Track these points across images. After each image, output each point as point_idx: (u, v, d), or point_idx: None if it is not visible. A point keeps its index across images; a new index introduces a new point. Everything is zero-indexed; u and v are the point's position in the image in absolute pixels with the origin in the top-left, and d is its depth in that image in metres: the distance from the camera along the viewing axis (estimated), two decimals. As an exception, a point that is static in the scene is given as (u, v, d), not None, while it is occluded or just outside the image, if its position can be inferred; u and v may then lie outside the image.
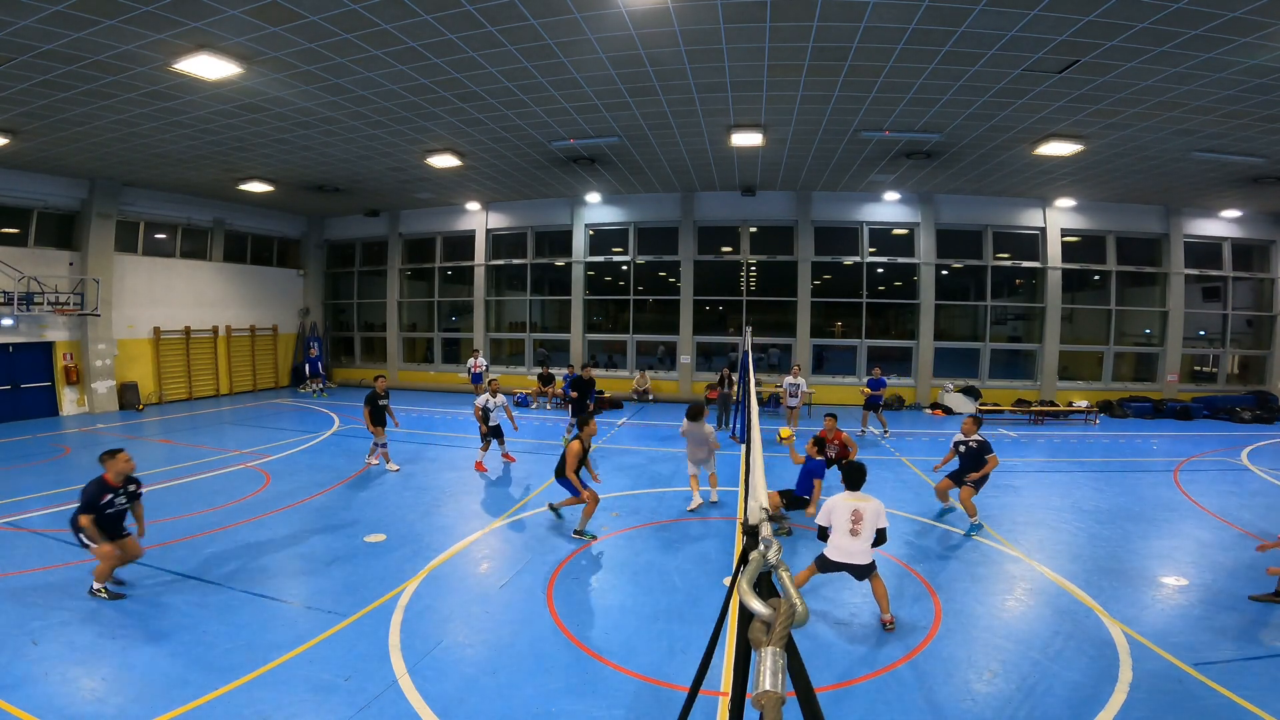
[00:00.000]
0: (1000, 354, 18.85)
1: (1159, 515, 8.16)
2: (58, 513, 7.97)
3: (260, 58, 8.47)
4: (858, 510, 5.30)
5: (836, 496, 5.46)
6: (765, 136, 12.27)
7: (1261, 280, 18.27)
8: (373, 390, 10.31)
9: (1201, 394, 17.66)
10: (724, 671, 4.48)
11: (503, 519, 8.01)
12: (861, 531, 5.26)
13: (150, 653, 4.71)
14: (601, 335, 20.70)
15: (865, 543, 5.26)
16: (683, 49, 8.32)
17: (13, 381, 14.72)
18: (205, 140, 12.27)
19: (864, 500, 5.36)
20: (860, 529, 5.26)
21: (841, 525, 5.29)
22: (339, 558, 6.63)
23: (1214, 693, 4.29)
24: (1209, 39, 7.46)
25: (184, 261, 18.45)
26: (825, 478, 7.65)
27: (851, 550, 5.25)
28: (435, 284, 21.66)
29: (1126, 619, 5.35)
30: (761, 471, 2.47)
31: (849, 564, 5.29)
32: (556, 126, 11.75)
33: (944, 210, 17.79)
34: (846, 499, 5.40)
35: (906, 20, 7.40)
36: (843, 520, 5.29)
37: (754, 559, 1.30)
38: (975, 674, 4.56)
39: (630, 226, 19.29)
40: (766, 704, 0.88)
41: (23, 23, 7.31)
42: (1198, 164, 12.98)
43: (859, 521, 5.27)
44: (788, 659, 0.98)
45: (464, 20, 7.51)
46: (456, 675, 4.49)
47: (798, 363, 16.89)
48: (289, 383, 21.59)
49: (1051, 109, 10.14)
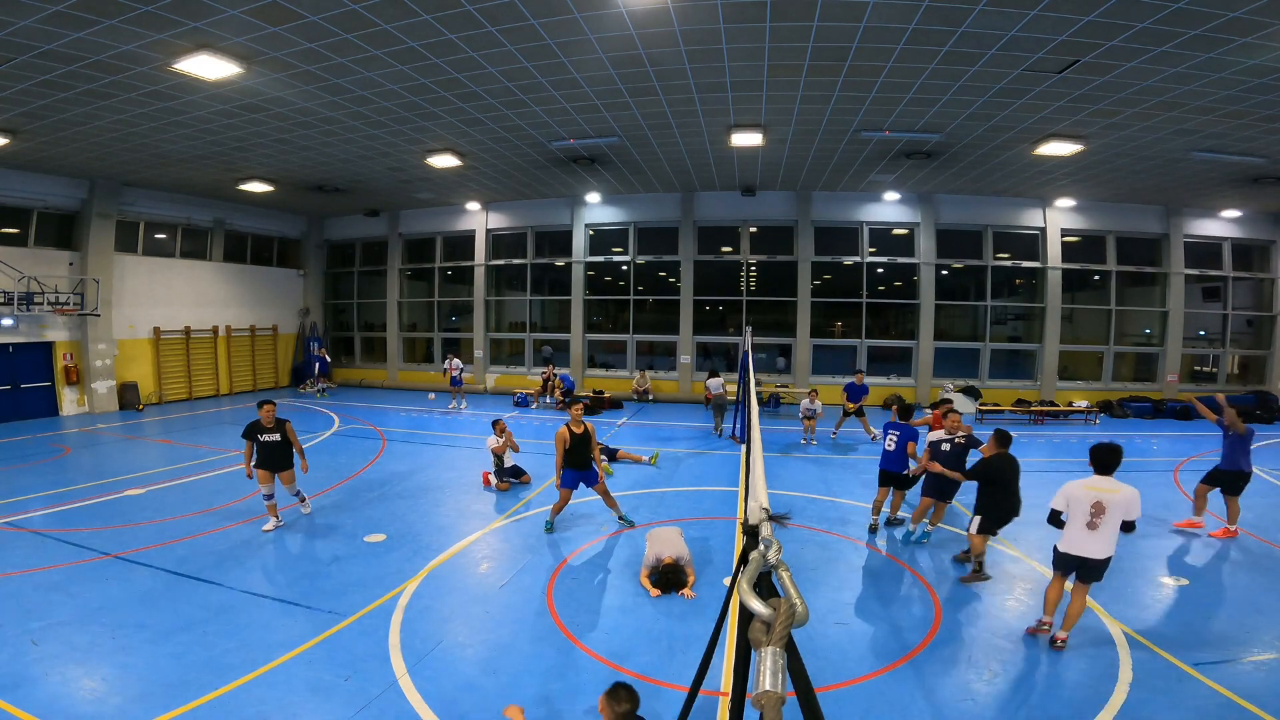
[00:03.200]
0: (1000, 354, 18.85)
1: (1159, 515, 8.16)
2: (58, 513, 7.99)
3: (260, 58, 8.47)
4: (1100, 502, 4.66)
5: (1077, 482, 4.84)
6: (765, 136, 12.27)
7: (1261, 280, 18.26)
8: (254, 421, 7.40)
9: (1202, 394, 17.61)
10: (724, 671, 4.48)
11: (503, 519, 8.01)
12: (1101, 526, 4.66)
13: (150, 653, 4.71)
14: (601, 335, 20.70)
15: (1104, 539, 4.67)
16: (683, 49, 8.32)
17: (13, 381, 14.72)
18: (205, 140, 12.26)
19: (1113, 489, 4.69)
20: (1100, 522, 4.66)
21: (1080, 516, 4.73)
22: (339, 558, 6.63)
23: (1214, 693, 4.29)
24: (1209, 39, 7.46)
25: (184, 261, 18.45)
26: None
27: (1086, 546, 4.71)
28: (435, 284, 21.66)
29: (1126, 619, 5.35)
30: (761, 471, 2.46)
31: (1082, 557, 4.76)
32: (556, 126, 11.74)
33: (944, 210, 17.79)
34: (1090, 486, 4.75)
35: (906, 20, 7.40)
36: (1082, 510, 4.72)
37: (754, 559, 1.30)
38: (975, 674, 4.55)
39: (630, 226, 19.29)
40: (766, 704, 0.88)
41: (23, 23, 7.31)
42: (1198, 164, 12.97)
43: (1100, 515, 4.66)
44: (788, 659, 0.98)
45: (464, 20, 7.51)
46: (456, 675, 4.50)
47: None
48: (289, 383, 21.60)
49: (1051, 109, 10.14)
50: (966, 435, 7.05)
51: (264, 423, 7.33)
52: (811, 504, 8.63)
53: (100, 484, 9.37)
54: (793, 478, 10.05)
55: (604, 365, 20.49)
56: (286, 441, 7.44)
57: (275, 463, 7.38)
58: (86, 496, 8.68)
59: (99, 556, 6.53)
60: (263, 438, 7.34)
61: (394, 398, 19.22)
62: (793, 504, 8.52)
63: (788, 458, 11.49)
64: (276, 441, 7.37)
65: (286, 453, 7.46)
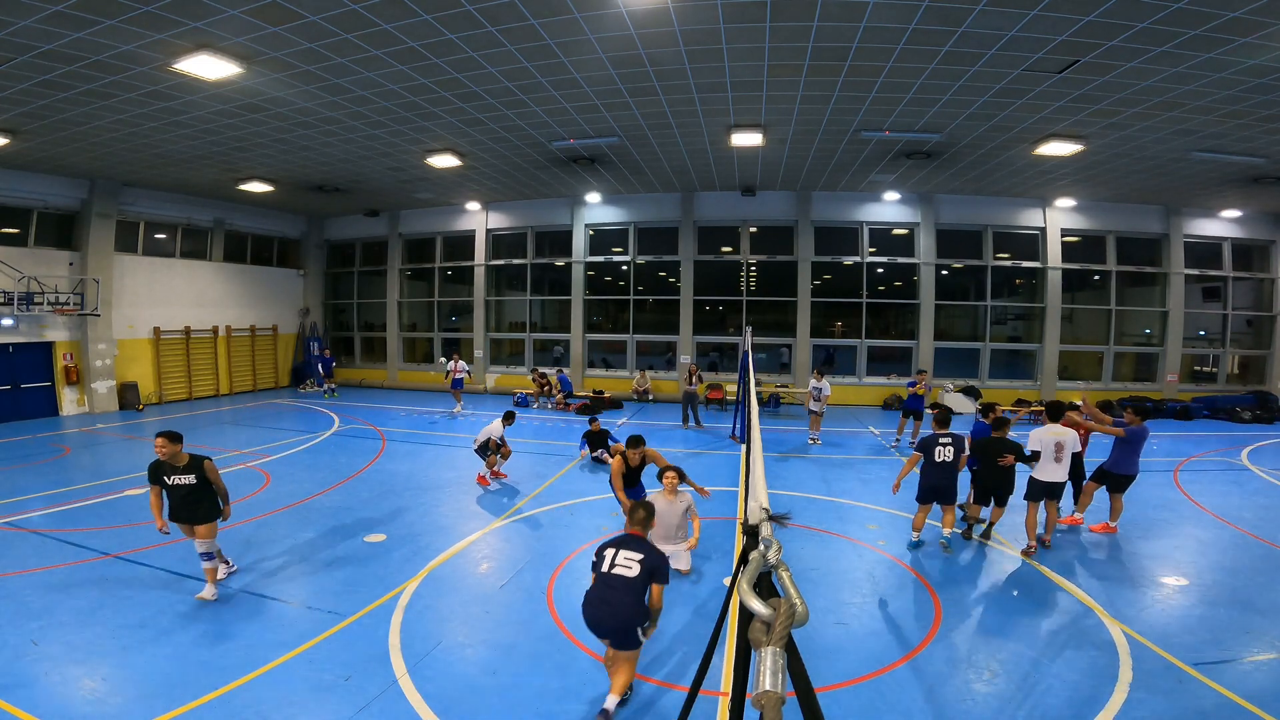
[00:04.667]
0: (1000, 354, 18.85)
1: (1159, 515, 8.16)
2: (58, 513, 7.99)
3: (260, 58, 8.47)
4: (1060, 442, 6.71)
5: (1041, 430, 6.80)
6: (765, 136, 12.27)
7: (1261, 280, 18.26)
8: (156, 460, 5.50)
9: (1201, 394, 17.66)
10: (724, 671, 4.48)
11: (503, 519, 8.01)
12: (1062, 459, 6.72)
13: (150, 653, 4.71)
14: (601, 335, 20.70)
15: (1063, 468, 6.73)
16: (683, 49, 8.32)
17: (13, 381, 14.72)
18: (205, 140, 12.26)
19: (1064, 432, 6.74)
20: (1061, 456, 6.71)
21: (1048, 454, 6.70)
22: (339, 558, 6.63)
23: (1214, 693, 4.29)
24: (1209, 39, 7.46)
25: (184, 261, 18.45)
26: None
27: (1054, 474, 6.74)
28: (435, 284, 21.66)
29: (1126, 619, 5.35)
30: (761, 471, 2.46)
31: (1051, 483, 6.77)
32: (556, 126, 11.74)
33: (944, 210, 17.79)
34: (1050, 432, 6.74)
35: (906, 20, 7.40)
36: (1049, 449, 6.71)
37: (754, 559, 1.30)
38: (975, 674, 4.55)
39: (630, 226, 19.29)
40: (766, 704, 0.88)
41: (23, 23, 7.31)
42: (1198, 164, 12.97)
43: (1060, 451, 6.71)
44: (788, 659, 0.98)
45: (464, 20, 7.51)
46: (456, 675, 4.50)
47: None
48: (289, 383, 21.60)
49: (1051, 109, 10.14)
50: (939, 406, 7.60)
51: (170, 461, 5.44)
52: (811, 504, 8.64)
53: (100, 484, 9.37)
54: (793, 478, 10.05)
55: (605, 365, 20.50)
56: (204, 485, 5.54)
57: (190, 513, 5.52)
58: (86, 496, 8.69)
59: (99, 556, 6.53)
60: (171, 480, 5.47)
61: (394, 398, 19.22)
62: (793, 504, 8.52)
63: (789, 459, 11.50)
64: (191, 485, 5.48)
65: (204, 499, 5.55)
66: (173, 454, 5.45)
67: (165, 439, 5.45)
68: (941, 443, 6.86)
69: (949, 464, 6.83)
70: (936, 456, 6.85)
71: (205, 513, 5.57)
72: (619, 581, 3.98)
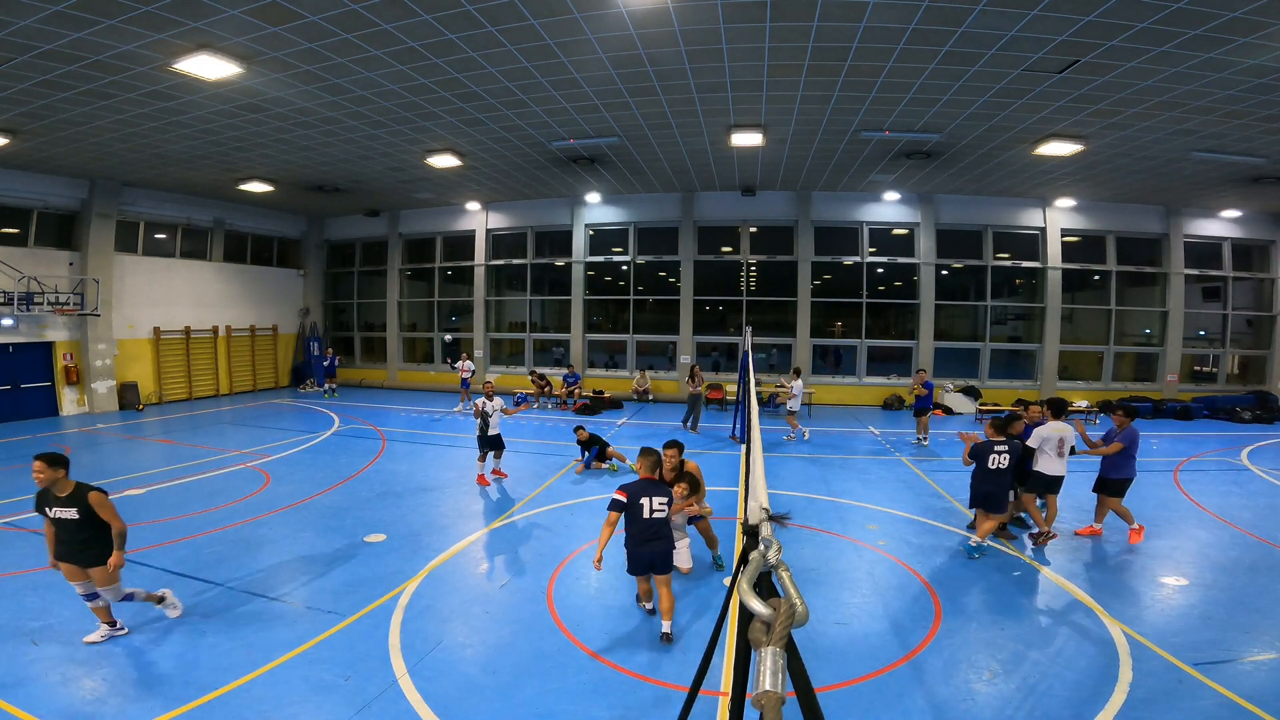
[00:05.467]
0: (1000, 354, 18.85)
1: (1159, 515, 8.16)
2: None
3: (260, 58, 8.47)
4: (1062, 438, 7.14)
5: (1044, 426, 7.21)
6: (765, 136, 12.27)
7: (1261, 280, 18.26)
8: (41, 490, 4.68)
9: (1201, 394, 17.66)
10: (724, 671, 4.48)
11: (503, 519, 8.01)
12: (1064, 453, 7.18)
13: (150, 653, 4.71)
14: (601, 335, 20.70)
15: (1065, 462, 7.20)
16: (683, 49, 8.32)
17: (13, 381, 14.72)
18: (205, 140, 12.27)
19: (1066, 429, 7.18)
20: (1064, 451, 7.18)
21: (1052, 448, 7.14)
22: (339, 558, 6.63)
23: (1214, 693, 4.29)
24: (1209, 39, 7.47)
25: (184, 261, 18.45)
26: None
27: (1058, 469, 7.16)
28: (435, 284, 21.66)
29: (1126, 619, 5.35)
30: (762, 471, 2.46)
31: (1054, 476, 7.16)
32: (556, 126, 11.74)
33: (944, 210, 17.79)
34: (1053, 428, 7.16)
35: (906, 20, 7.40)
36: (1053, 444, 7.14)
37: (754, 559, 1.30)
38: (975, 674, 4.55)
39: (630, 226, 19.29)
40: (766, 704, 0.88)
41: (23, 23, 7.31)
42: (1198, 164, 12.97)
43: (1063, 445, 7.16)
44: (788, 659, 0.98)
45: (464, 20, 7.51)
46: (456, 675, 4.49)
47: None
48: (289, 383, 21.60)
49: (1051, 109, 10.14)
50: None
51: (51, 490, 4.59)
52: (811, 504, 8.64)
53: (99, 484, 9.34)
54: (793, 478, 10.05)
55: (605, 365, 20.49)
56: (90, 520, 4.61)
57: (78, 554, 4.62)
58: (86, 496, 8.66)
59: (99, 556, 6.52)
60: (52, 513, 4.61)
61: (394, 398, 19.22)
62: (793, 504, 8.52)
63: (788, 458, 11.50)
64: (73, 521, 4.57)
65: (96, 538, 4.64)
66: (51, 480, 4.54)
67: (43, 462, 4.52)
68: (997, 450, 6.82)
69: (1003, 471, 6.80)
70: (990, 464, 6.82)
71: (96, 555, 4.62)
72: (659, 522, 5.04)
